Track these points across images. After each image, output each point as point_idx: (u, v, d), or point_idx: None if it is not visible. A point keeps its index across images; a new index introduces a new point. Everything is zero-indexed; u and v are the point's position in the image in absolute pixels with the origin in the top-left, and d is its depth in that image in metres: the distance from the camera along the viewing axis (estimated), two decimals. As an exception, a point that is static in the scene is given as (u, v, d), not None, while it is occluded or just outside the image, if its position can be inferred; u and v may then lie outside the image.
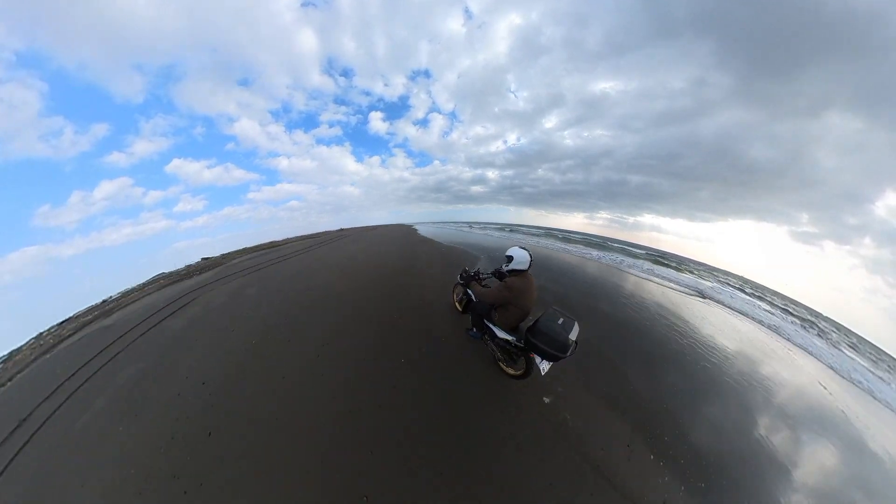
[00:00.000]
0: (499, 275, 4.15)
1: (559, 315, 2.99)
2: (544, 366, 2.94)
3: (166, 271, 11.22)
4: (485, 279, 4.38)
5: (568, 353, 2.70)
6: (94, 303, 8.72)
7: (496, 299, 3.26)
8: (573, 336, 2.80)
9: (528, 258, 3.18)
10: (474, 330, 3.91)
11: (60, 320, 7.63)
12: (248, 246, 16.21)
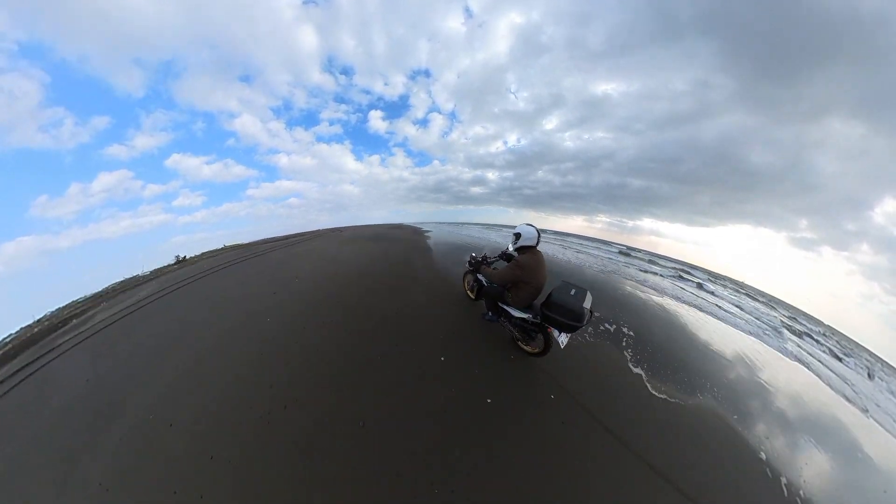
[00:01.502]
0: (506, 256, 4.20)
1: (571, 286, 3.03)
2: (563, 339, 2.99)
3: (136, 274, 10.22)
4: (493, 263, 4.42)
5: (584, 322, 2.74)
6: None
7: (508, 279, 3.30)
8: (587, 305, 2.84)
9: (536, 233, 3.22)
10: (490, 313, 3.96)
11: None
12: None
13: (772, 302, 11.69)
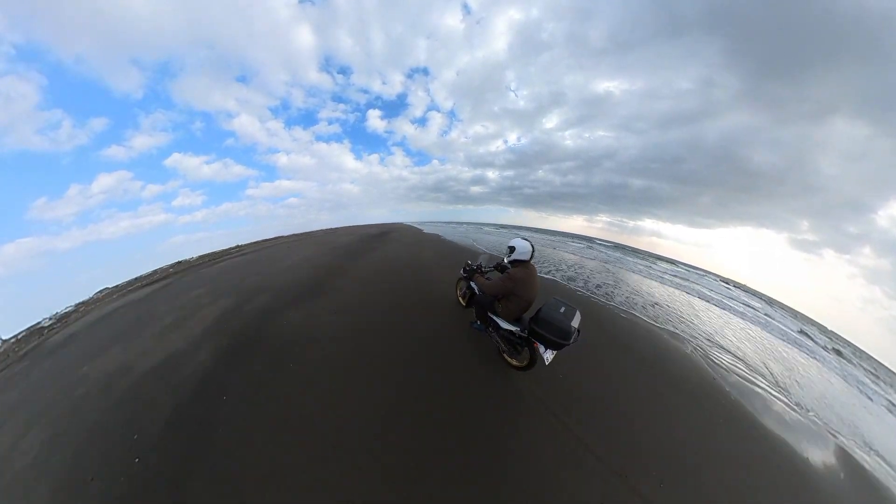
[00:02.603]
0: (500, 268, 4.21)
1: (561, 304, 3.04)
2: (548, 355, 3.00)
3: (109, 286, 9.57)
4: (487, 272, 4.43)
5: (571, 341, 2.75)
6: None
7: (499, 290, 3.30)
8: (575, 324, 2.85)
9: (531, 248, 3.24)
10: (478, 322, 3.96)
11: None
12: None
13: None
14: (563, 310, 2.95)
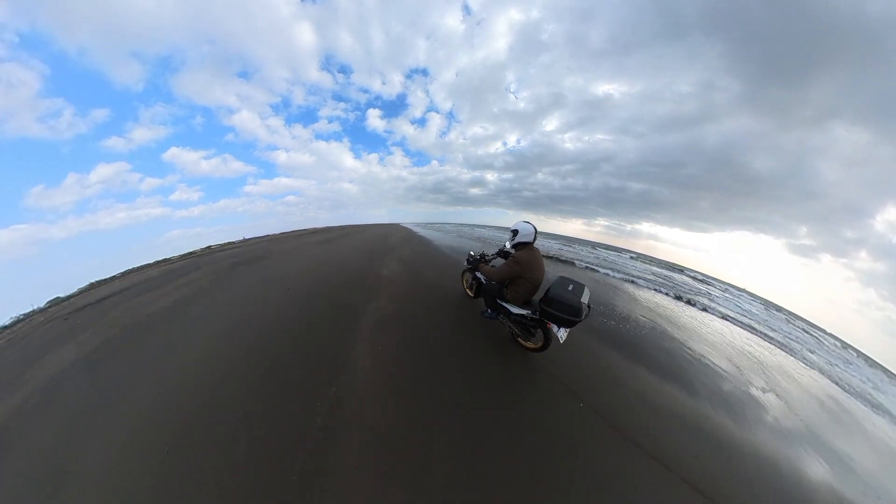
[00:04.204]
0: (503, 254, 4.22)
1: (568, 282, 3.06)
2: (562, 333, 3.00)
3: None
4: (491, 260, 4.44)
5: (583, 317, 2.76)
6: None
7: (506, 275, 3.32)
8: (585, 300, 2.86)
9: (533, 230, 3.24)
10: (489, 311, 3.97)
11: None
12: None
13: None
14: (571, 287, 2.96)
